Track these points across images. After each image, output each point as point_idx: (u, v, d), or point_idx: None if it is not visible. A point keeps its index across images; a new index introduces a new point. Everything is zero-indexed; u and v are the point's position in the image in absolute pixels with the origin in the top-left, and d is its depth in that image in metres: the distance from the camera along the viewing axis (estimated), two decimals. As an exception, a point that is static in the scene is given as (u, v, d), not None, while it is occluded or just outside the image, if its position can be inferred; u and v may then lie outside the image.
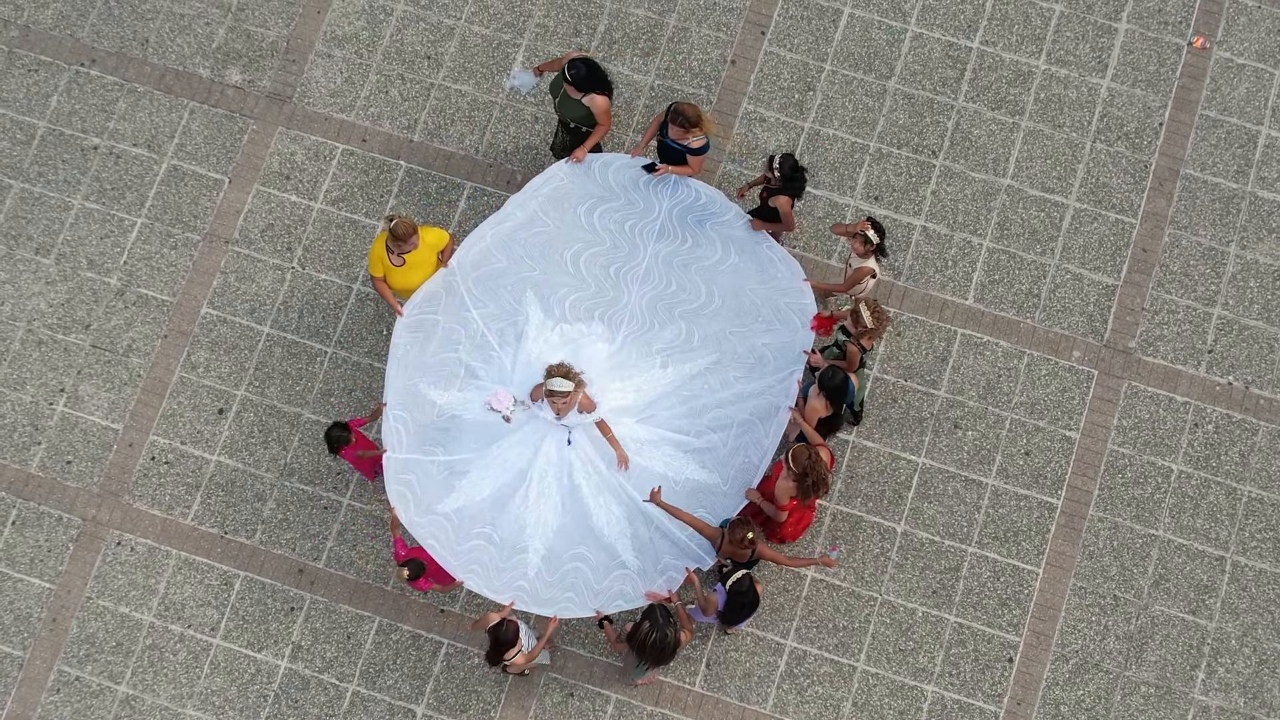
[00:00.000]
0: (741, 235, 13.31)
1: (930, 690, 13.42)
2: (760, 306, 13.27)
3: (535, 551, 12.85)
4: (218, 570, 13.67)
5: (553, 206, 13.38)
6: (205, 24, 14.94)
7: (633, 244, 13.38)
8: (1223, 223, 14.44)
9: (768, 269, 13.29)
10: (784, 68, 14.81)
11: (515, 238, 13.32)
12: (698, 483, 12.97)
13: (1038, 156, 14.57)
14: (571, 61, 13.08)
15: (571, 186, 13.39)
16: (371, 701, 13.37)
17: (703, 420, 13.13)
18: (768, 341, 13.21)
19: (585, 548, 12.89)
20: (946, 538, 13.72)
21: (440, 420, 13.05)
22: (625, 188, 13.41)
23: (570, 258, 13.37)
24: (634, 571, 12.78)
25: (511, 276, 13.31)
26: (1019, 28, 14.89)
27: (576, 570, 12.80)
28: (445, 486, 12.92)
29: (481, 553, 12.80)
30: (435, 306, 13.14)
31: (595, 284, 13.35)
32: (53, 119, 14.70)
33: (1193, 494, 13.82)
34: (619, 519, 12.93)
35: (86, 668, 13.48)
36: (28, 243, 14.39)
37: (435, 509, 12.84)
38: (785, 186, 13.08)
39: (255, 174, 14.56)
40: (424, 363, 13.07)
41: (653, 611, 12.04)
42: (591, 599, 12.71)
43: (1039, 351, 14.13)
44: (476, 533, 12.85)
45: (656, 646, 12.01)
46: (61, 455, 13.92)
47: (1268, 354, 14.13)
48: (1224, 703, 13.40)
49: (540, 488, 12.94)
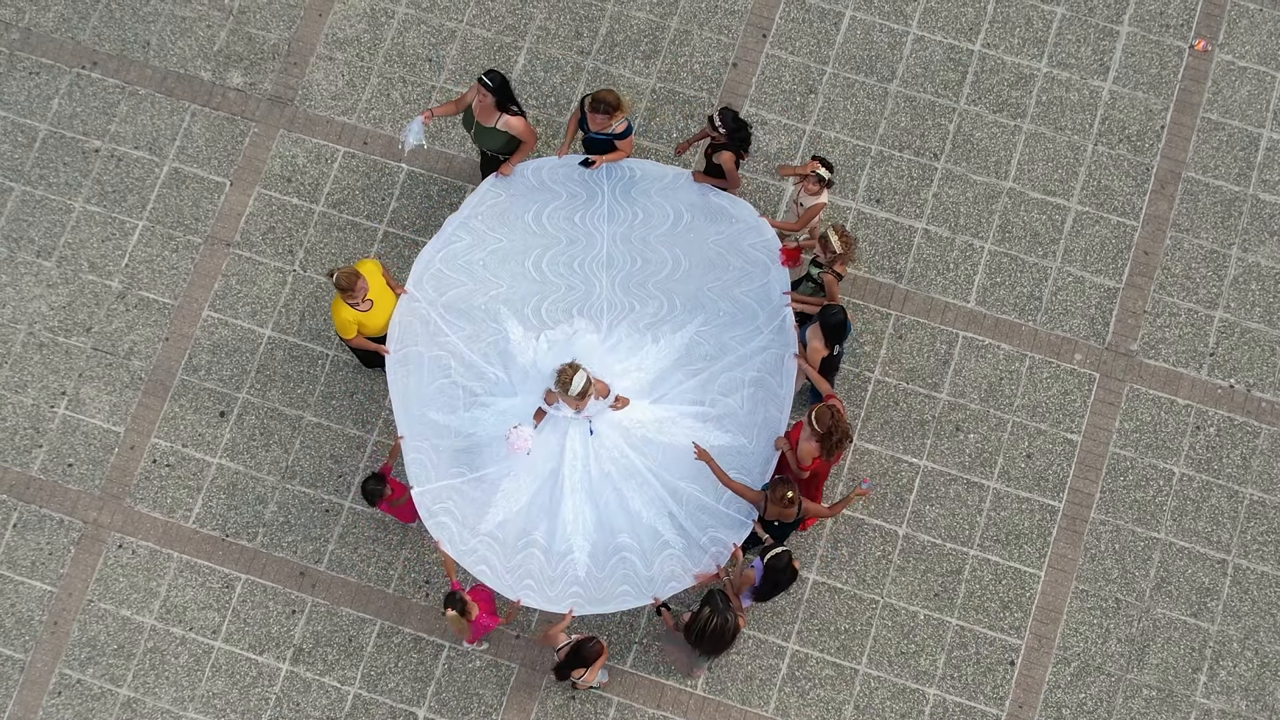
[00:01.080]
0: (687, 193, 13.35)
1: (932, 693, 13.42)
2: (726, 255, 13.33)
3: (580, 549, 12.87)
4: (219, 573, 13.66)
5: (499, 222, 13.36)
6: (207, 27, 14.93)
7: (588, 234, 13.41)
8: (1224, 226, 14.44)
9: (721, 216, 13.33)
10: (785, 70, 14.81)
11: (472, 258, 13.29)
12: (725, 447, 12.97)
13: (1039, 159, 14.57)
14: (489, 71, 12.95)
15: (511, 199, 13.37)
16: (373, 704, 13.37)
17: (714, 388, 13.17)
18: (746, 289, 13.26)
19: (628, 535, 12.90)
20: (948, 541, 13.72)
21: (458, 441, 13.04)
22: (563, 183, 13.40)
23: (532, 265, 13.39)
24: (680, 550, 12.79)
25: (480, 297, 13.30)
26: (1020, 31, 14.89)
27: (624, 560, 12.81)
28: (482, 503, 12.91)
29: (531, 562, 12.79)
30: (413, 338, 13.09)
31: (564, 283, 13.39)
32: (54, 122, 14.70)
33: (1194, 497, 13.81)
34: (655, 499, 12.96)
35: (88, 670, 13.47)
36: (29, 245, 14.39)
37: (479, 529, 12.81)
38: (730, 142, 13.09)
39: (257, 177, 14.56)
40: (423, 393, 13.06)
41: (712, 597, 11.95)
42: (646, 587, 12.69)
43: (1041, 354, 14.13)
44: (523, 543, 12.85)
45: (716, 633, 11.91)
46: (63, 458, 13.91)
47: (1269, 357, 14.12)
48: (1226, 706, 13.39)
49: (572, 483, 12.95)
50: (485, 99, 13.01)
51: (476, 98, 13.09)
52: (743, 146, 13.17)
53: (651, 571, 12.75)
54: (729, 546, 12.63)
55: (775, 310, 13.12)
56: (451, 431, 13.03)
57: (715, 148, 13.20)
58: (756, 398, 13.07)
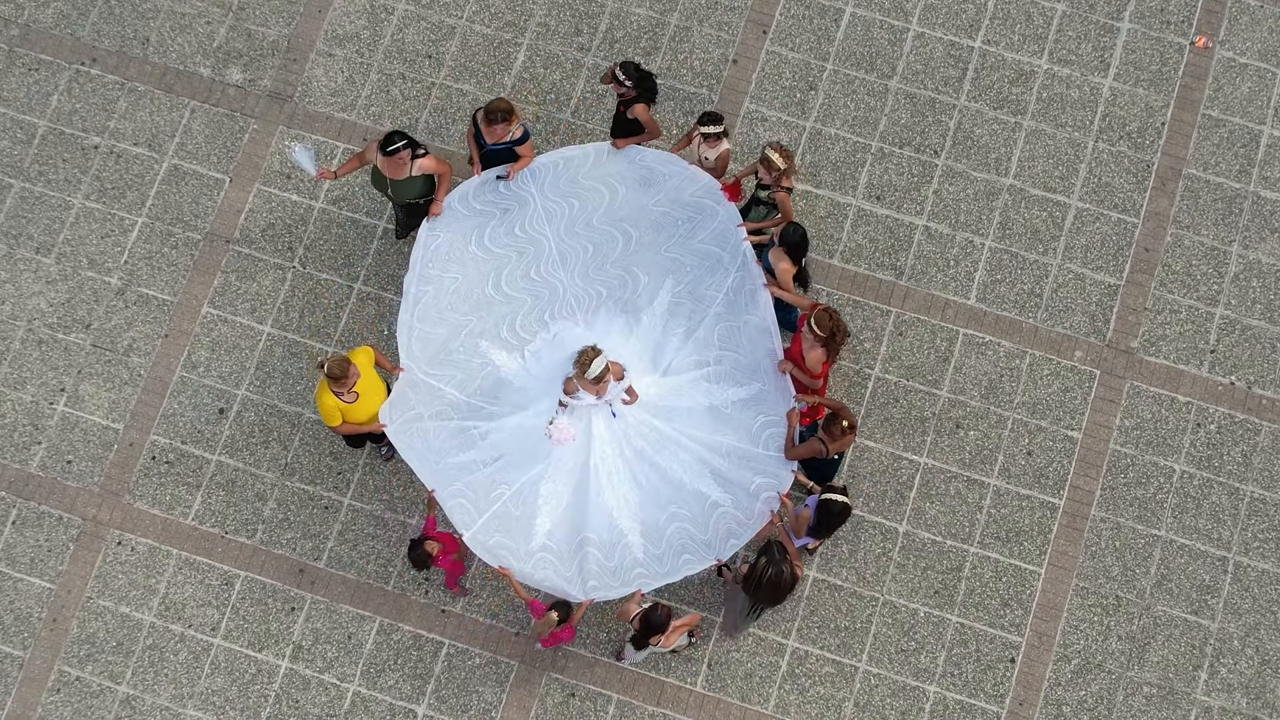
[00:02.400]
0: (615, 165, 13.39)
1: (932, 690, 13.40)
2: (671, 211, 13.39)
3: (632, 531, 12.88)
4: (218, 570, 13.64)
5: (448, 261, 13.30)
6: (206, 23, 14.92)
7: (533, 241, 13.40)
8: (1225, 222, 14.42)
9: (654, 178, 13.40)
10: (786, 67, 14.80)
11: (441, 305, 13.23)
12: (746, 399, 13.07)
13: (1040, 156, 14.55)
14: (387, 135, 12.78)
15: (450, 236, 13.31)
16: (372, 702, 13.35)
17: (713, 342, 13.25)
18: (703, 237, 13.34)
19: (675, 505, 12.92)
20: (948, 538, 13.70)
21: (488, 470, 12.98)
22: (492, 202, 13.38)
23: (491, 289, 13.37)
24: (731, 506, 12.83)
25: (455, 339, 13.27)
26: (1021, 27, 14.87)
27: (679, 530, 12.83)
28: (527, 519, 12.88)
29: (589, 562, 12.77)
30: (409, 404, 13.01)
31: (528, 295, 13.38)
32: (53, 118, 14.68)
33: (1195, 494, 13.80)
34: (694, 462, 12.99)
35: (87, 668, 13.46)
36: (28, 242, 14.37)
37: (532, 550, 12.79)
38: (641, 93, 13.13)
39: (256, 173, 14.54)
40: (437, 447, 12.98)
41: (769, 548, 11.99)
42: (706, 550, 12.73)
43: (1041, 351, 14.11)
44: (577, 544, 12.84)
45: (773, 583, 11.93)
46: (62, 455, 13.90)
47: (1270, 354, 14.11)
48: (1226, 703, 13.38)
49: (608, 470, 12.96)
50: (403, 158, 12.84)
51: (385, 162, 12.91)
52: (652, 96, 13.23)
53: (708, 535, 12.80)
54: (776, 494, 12.72)
55: (735, 246, 13.24)
56: (478, 463, 13.00)
57: (626, 103, 13.22)
58: (748, 335, 13.18)
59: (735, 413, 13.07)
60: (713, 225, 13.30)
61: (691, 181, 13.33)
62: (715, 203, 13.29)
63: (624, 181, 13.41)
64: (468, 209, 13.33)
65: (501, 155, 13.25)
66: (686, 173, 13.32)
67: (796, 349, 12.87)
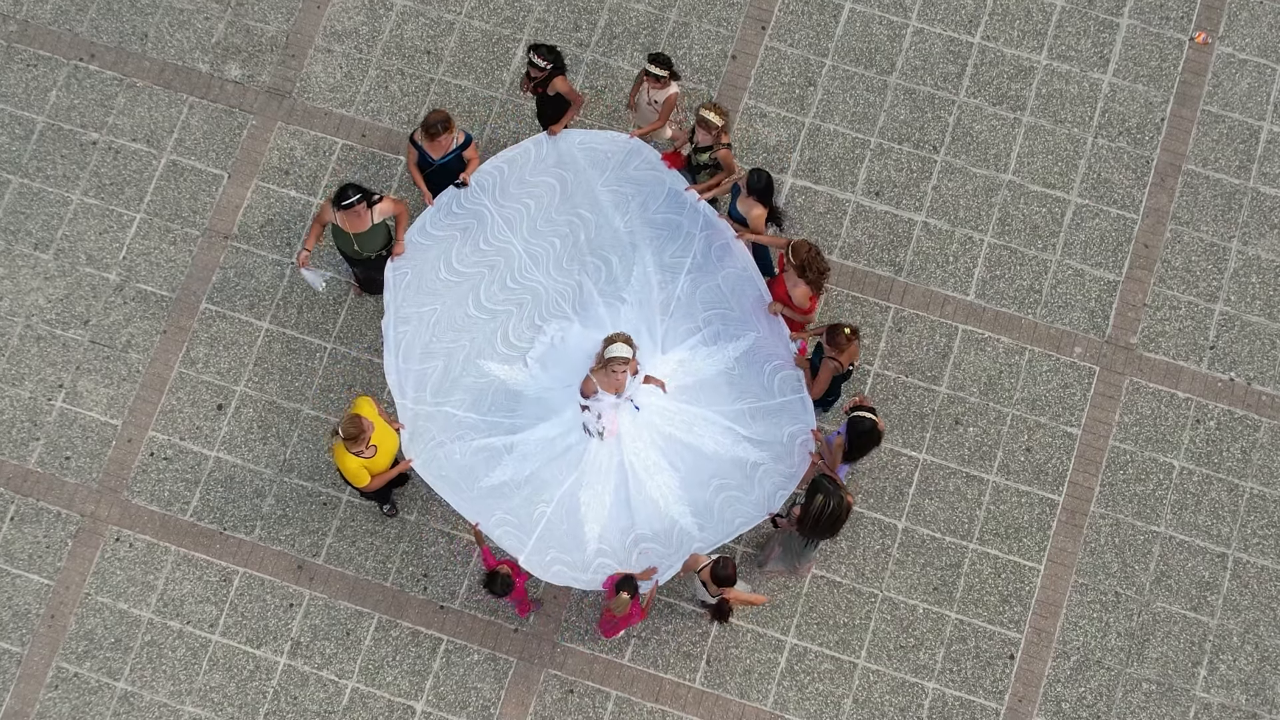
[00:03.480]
0: (554, 155, 13.40)
1: (931, 687, 13.39)
2: (622, 189, 13.44)
3: (683, 516, 12.93)
4: (216, 566, 13.63)
5: (422, 294, 13.23)
6: (204, 19, 14.90)
7: (500, 251, 13.40)
8: (1224, 218, 14.40)
9: (596, 160, 13.44)
10: (785, 63, 14.78)
11: (426, 339, 13.14)
12: (747, 351, 13.17)
13: (1039, 152, 14.53)
14: (340, 190, 12.68)
15: (416, 269, 13.23)
16: (371, 698, 13.34)
17: (696, 310, 13.31)
18: (657, 207, 13.40)
19: (718, 478, 12.99)
20: (947, 534, 13.69)
21: (524, 492, 12.94)
22: (449, 226, 13.33)
23: (473, 309, 13.34)
24: (771, 461, 12.91)
25: (456, 367, 13.21)
26: (1020, 23, 14.85)
27: (727, 500, 12.90)
28: (575, 531, 12.87)
29: (651, 556, 12.80)
30: (428, 437, 12.93)
31: (512, 305, 13.38)
32: (52, 114, 14.67)
33: (1194, 490, 13.78)
34: (723, 431, 13.04)
35: (85, 664, 13.45)
36: (26, 238, 14.36)
37: (588, 562, 12.78)
38: (555, 69, 13.16)
39: (254, 169, 14.53)
40: (465, 466, 12.95)
41: (820, 483, 12.06)
42: (757, 509, 12.83)
43: (1040, 347, 14.10)
44: (630, 543, 12.87)
45: (833, 516, 12.03)
46: (60, 451, 13.89)
47: (1269, 350, 14.09)
48: (1226, 700, 13.37)
49: (645, 464, 12.99)
50: (360, 212, 12.73)
51: (343, 218, 12.81)
52: (564, 66, 13.28)
53: (755, 494, 12.87)
54: (809, 434, 12.82)
55: (692, 208, 13.28)
56: (511, 485, 12.97)
57: (544, 83, 13.23)
58: (730, 287, 13.22)
59: (742, 369, 13.15)
60: (663, 194, 13.37)
61: (634, 155, 13.39)
62: (660, 171, 13.36)
63: (570, 168, 13.44)
64: (428, 239, 13.26)
65: (451, 167, 13.22)
66: (628, 146, 13.38)
67: (782, 289, 13.01)
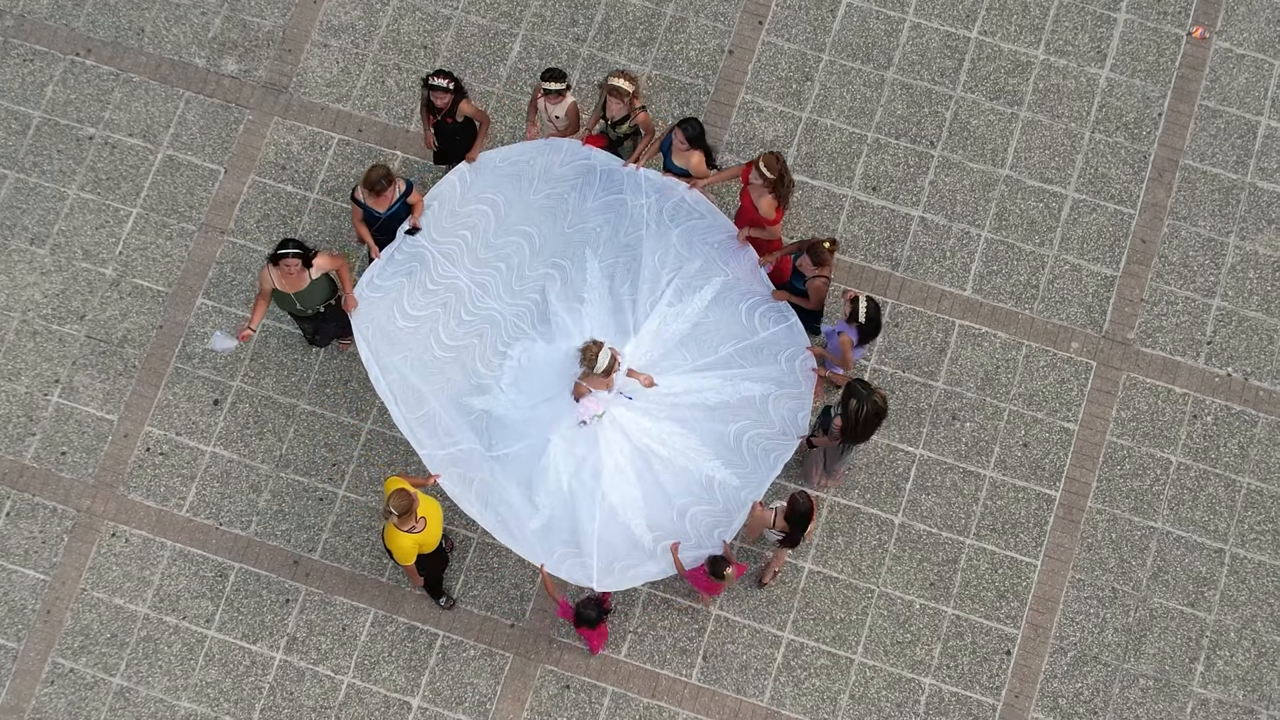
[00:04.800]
0: (480, 180, 13.31)
1: (928, 683, 13.38)
2: (555, 191, 13.39)
3: (716, 470, 13.00)
4: (212, 562, 13.63)
5: (390, 345, 13.10)
6: (201, 13, 14.89)
7: (449, 288, 13.27)
8: (1222, 214, 14.39)
9: (519, 170, 13.33)
10: (782, 58, 14.76)
11: (410, 384, 13.03)
12: (715, 296, 13.21)
13: (1036, 147, 14.52)
14: (282, 243, 12.52)
15: (376, 321, 13.11)
16: (367, 694, 13.33)
17: (660, 277, 13.28)
18: (595, 194, 13.36)
19: (735, 422, 13.04)
20: (944, 530, 13.68)
21: (565, 523, 12.91)
22: (395, 275, 13.18)
23: (438, 350, 13.22)
24: (778, 390, 13.02)
25: (444, 413, 13.05)
26: (1017, 17, 14.83)
27: (752, 439, 13.01)
28: (624, 530, 12.87)
29: (702, 519, 12.86)
30: (463, 472, 12.88)
31: (473, 337, 13.30)
32: (48, 109, 14.66)
33: (1191, 486, 13.77)
34: (723, 382, 13.11)
35: (81, 659, 13.44)
36: (23, 233, 14.35)
37: (647, 546, 12.79)
38: (459, 91, 13.10)
39: (251, 164, 14.52)
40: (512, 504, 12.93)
41: (853, 387, 12.19)
42: (784, 439, 12.95)
43: (1037, 343, 14.08)
44: (677, 515, 12.89)
45: (871, 416, 12.19)
46: (56, 446, 13.88)
47: (1267, 345, 14.08)
48: (1223, 695, 13.35)
49: (658, 437, 13.01)
50: (291, 267, 12.55)
51: (279, 276, 12.64)
52: (466, 93, 13.24)
53: (778, 424, 13.00)
54: (807, 353, 12.99)
55: (632, 180, 13.25)
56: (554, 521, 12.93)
57: (452, 109, 13.16)
58: (692, 241, 13.25)
59: (718, 314, 13.16)
60: (596, 179, 13.34)
61: (555, 153, 13.35)
62: (586, 158, 13.33)
63: (497, 189, 13.36)
64: (378, 290, 13.14)
65: (397, 216, 13.10)
66: (547, 148, 13.34)
67: (747, 204, 13.07)
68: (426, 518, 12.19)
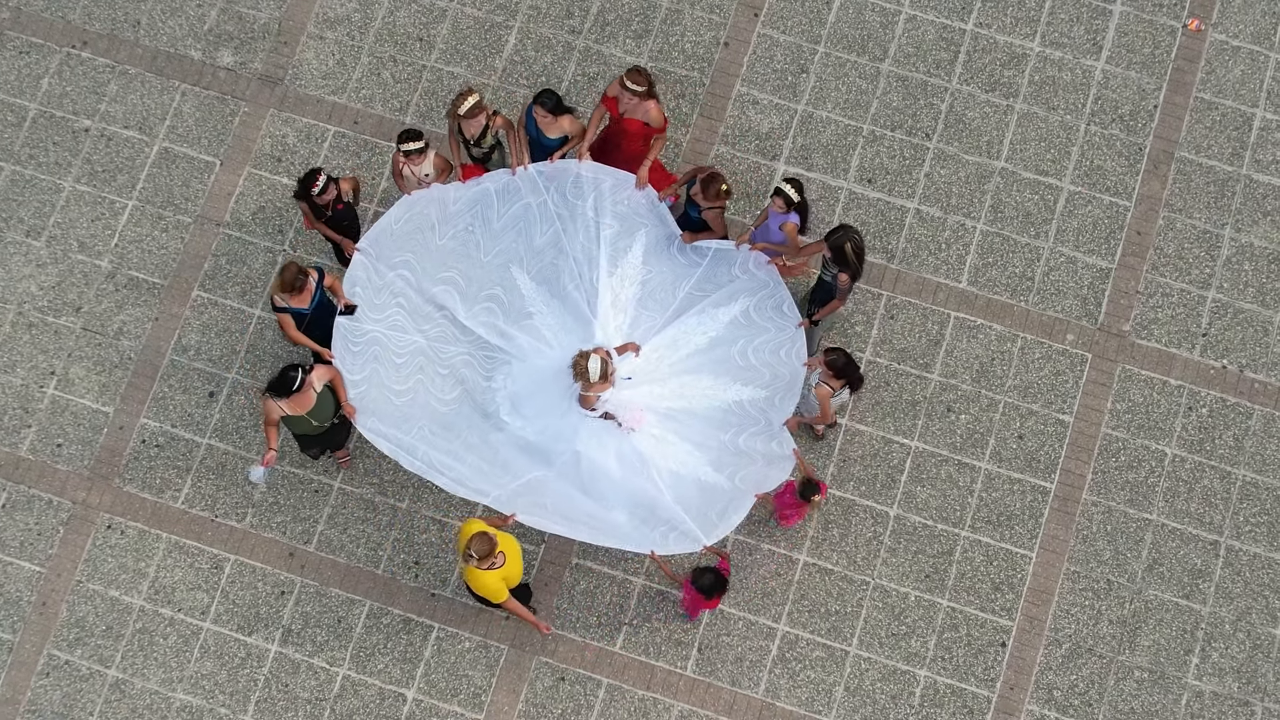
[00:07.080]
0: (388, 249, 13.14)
1: (923, 675, 13.39)
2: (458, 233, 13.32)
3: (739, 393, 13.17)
4: (208, 554, 13.63)
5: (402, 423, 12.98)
6: (197, 6, 14.88)
7: (414, 354, 13.17)
8: (1217, 206, 14.38)
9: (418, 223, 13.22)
10: (777, 50, 14.76)
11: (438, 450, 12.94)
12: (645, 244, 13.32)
13: (1032, 139, 14.51)
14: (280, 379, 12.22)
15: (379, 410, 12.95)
16: (362, 686, 13.34)
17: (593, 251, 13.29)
18: (497, 214, 13.33)
19: (735, 344, 13.23)
20: (939, 522, 13.68)
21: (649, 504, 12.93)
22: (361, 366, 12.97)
23: (441, 407, 13.13)
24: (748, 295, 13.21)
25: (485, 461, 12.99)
26: (1013, 10, 14.82)
27: (758, 348, 13.19)
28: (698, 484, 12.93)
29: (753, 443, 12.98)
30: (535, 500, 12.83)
31: (459, 385, 13.23)
32: (44, 101, 14.66)
33: (1187, 478, 13.77)
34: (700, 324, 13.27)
35: (76, 651, 13.45)
36: (18, 225, 14.35)
37: (726, 494, 12.84)
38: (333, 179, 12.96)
39: (247, 156, 14.52)
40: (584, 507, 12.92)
41: (833, 235, 12.57)
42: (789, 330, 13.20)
43: (1033, 335, 14.08)
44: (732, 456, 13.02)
45: (859, 248, 12.60)
46: (52, 438, 13.88)
47: (1262, 337, 14.07)
48: (1218, 687, 13.36)
49: (667, 409, 13.11)
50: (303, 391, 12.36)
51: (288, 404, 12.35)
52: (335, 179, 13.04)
53: (771, 329, 13.20)
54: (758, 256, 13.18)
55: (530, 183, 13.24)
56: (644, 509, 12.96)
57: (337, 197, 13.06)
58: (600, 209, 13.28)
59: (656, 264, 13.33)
60: (495, 200, 13.29)
61: (445, 196, 13.21)
62: (474, 186, 13.26)
63: (405, 249, 13.19)
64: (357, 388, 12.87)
65: (326, 306, 12.87)
66: (431, 195, 13.16)
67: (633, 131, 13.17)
68: (505, 551, 12.10)
